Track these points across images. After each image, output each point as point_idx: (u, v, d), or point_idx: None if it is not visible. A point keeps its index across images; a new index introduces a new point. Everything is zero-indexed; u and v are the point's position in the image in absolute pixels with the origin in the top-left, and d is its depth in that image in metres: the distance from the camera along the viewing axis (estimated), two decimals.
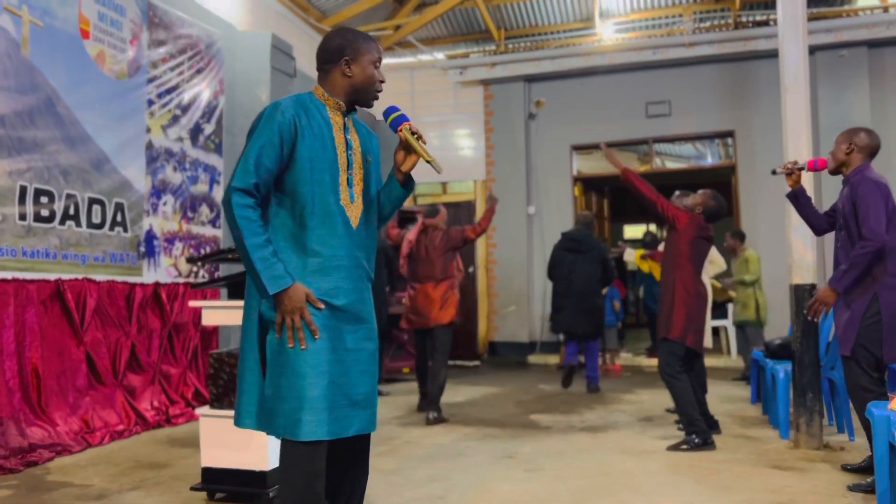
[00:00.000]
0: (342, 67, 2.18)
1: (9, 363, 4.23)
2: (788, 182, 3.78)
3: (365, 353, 2.16)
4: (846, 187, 3.54)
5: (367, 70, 2.19)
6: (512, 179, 9.80)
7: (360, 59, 2.18)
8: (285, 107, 2.10)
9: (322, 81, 2.23)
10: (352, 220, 2.15)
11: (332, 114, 2.19)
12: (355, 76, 2.18)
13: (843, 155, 3.56)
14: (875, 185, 3.38)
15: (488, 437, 4.74)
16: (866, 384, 3.36)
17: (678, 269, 4.36)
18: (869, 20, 8.62)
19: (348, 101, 2.22)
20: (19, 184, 4.42)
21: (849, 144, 3.55)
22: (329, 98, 2.20)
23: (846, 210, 3.46)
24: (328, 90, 2.21)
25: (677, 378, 4.32)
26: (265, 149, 2.05)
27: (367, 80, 2.20)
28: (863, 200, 3.36)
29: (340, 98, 2.21)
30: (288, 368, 2.03)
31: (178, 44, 5.94)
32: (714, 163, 9.90)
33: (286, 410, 2.02)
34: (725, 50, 9.00)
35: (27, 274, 4.43)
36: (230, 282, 3.55)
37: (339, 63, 2.18)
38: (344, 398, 2.08)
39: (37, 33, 4.60)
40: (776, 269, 7.14)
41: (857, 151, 3.54)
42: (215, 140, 6.40)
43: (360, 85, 2.20)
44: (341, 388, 2.07)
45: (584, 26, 9.97)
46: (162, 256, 5.67)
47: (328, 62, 2.20)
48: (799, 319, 4.27)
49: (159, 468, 3.98)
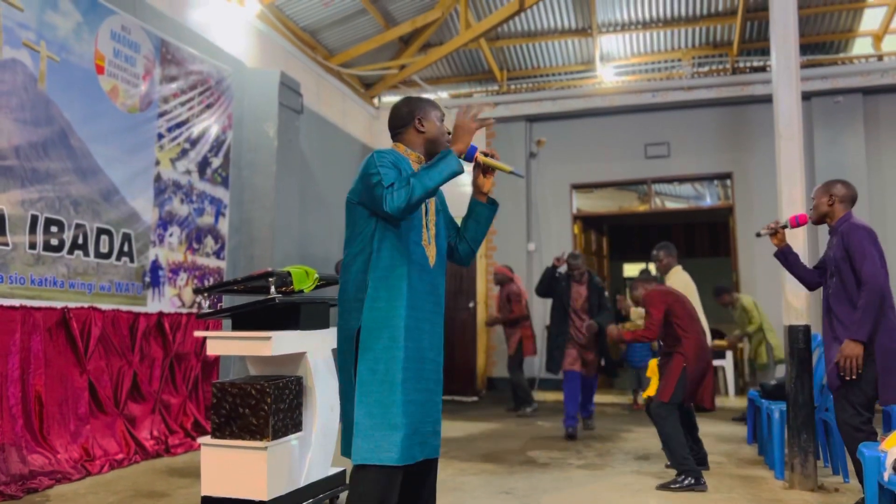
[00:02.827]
0: (416, 125, 2.51)
1: (13, 389, 4.28)
2: (773, 242, 3.95)
3: (437, 384, 2.44)
4: (834, 236, 3.67)
5: (437, 124, 2.53)
6: (512, 216, 9.92)
7: (430, 116, 2.53)
8: (386, 155, 2.37)
9: (399, 141, 2.54)
10: (430, 260, 2.44)
11: (414, 165, 2.48)
12: (428, 130, 2.52)
13: (826, 207, 3.72)
14: (865, 231, 3.52)
15: (485, 472, 4.76)
16: (857, 424, 3.41)
17: (675, 347, 4.53)
18: (864, 68, 8.84)
19: (425, 154, 2.53)
20: (31, 213, 4.53)
21: (829, 197, 3.70)
22: (411, 153, 2.51)
23: (837, 257, 3.57)
24: (407, 146, 2.52)
25: (665, 418, 4.39)
26: (390, 173, 2.30)
27: (439, 132, 2.53)
28: (857, 247, 3.47)
29: (419, 152, 2.52)
30: (375, 397, 2.24)
31: (189, 80, 6.10)
32: (712, 203, 10.03)
33: (372, 436, 2.22)
34: (723, 94, 9.21)
35: (35, 302, 4.50)
36: (235, 313, 3.62)
37: (412, 123, 2.51)
38: (423, 426, 2.32)
39: (53, 68, 4.75)
40: (772, 310, 7.21)
41: (839, 202, 3.69)
42: (222, 173, 6.53)
43: (433, 137, 2.52)
44: (422, 416, 2.32)
45: (584, 69, 10.20)
46: (166, 287, 5.75)
47: (402, 126, 2.53)
48: (793, 360, 4.33)
49: (158, 497, 4.01)
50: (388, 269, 2.32)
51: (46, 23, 4.70)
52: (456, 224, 2.66)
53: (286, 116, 7.05)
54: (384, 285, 2.31)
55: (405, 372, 2.27)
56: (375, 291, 2.32)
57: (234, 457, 3.33)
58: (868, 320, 3.38)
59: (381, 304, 2.31)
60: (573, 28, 9.52)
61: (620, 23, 9.39)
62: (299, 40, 8.45)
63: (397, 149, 2.52)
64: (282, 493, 3.37)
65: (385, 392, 2.23)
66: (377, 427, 2.21)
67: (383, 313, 2.30)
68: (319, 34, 8.82)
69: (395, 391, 2.24)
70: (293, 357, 3.65)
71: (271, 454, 3.30)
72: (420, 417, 2.31)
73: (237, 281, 3.74)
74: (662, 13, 9.12)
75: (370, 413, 2.22)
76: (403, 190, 2.21)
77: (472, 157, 2.47)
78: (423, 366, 2.36)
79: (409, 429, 2.24)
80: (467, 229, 2.63)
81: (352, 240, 2.42)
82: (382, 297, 2.31)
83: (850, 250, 3.50)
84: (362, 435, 2.21)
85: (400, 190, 2.21)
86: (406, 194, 2.21)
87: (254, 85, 6.93)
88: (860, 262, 3.44)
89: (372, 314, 2.30)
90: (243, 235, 6.79)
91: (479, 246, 2.66)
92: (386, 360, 2.26)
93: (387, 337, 2.28)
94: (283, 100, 6.99)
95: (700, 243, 15.58)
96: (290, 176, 7.13)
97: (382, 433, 2.20)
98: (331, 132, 8.65)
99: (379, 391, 2.23)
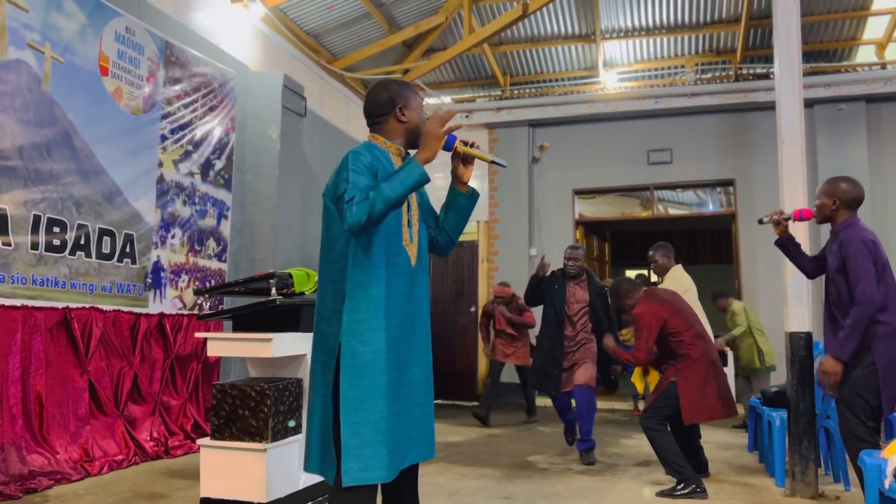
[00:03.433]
0: (396, 115, 2.35)
1: (13, 389, 4.28)
2: (776, 231, 3.89)
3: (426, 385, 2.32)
4: (835, 241, 3.59)
5: (419, 113, 2.38)
6: (514, 221, 9.93)
7: (411, 104, 2.37)
8: (363, 154, 2.22)
9: (377, 132, 2.38)
10: (411, 259, 2.30)
11: (395, 159, 2.34)
12: (410, 120, 2.36)
13: (829, 211, 3.63)
14: (863, 244, 3.42)
15: (484, 477, 4.75)
16: (861, 434, 3.36)
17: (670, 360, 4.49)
18: (867, 76, 8.83)
19: (406, 145, 2.38)
20: (33, 213, 4.53)
21: (833, 201, 3.60)
22: (391, 145, 2.35)
23: (834, 266, 3.52)
24: (386, 137, 2.36)
25: (656, 430, 4.38)
26: (362, 181, 2.14)
27: (420, 121, 2.38)
28: (852, 262, 3.40)
29: (400, 143, 2.37)
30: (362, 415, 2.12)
31: (192, 82, 6.12)
32: (715, 210, 10.03)
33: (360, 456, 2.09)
34: (726, 101, 9.21)
35: (36, 302, 4.51)
36: (236, 314, 3.63)
37: (392, 112, 2.35)
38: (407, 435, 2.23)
39: (58, 69, 4.77)
40: (775, 316, 7.19)
41: (843, 207, 3.59)
42: (225, 175, 6.54)
43: (414, 128, 2.37)
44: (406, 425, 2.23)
45: (588, 74, 10.21)
46: (168, 288, 5.75)
47: (382, 114, 2.36)
48: (794, 367, 4.32)
49: (157, 499, 4.00)
50: (367, 278, 2.17)
51: (51, 24, 4.72)
52: (435, 213, 2.50)
53: (289, 120, 7.06)
54: (363, 296, 2.16)
55: (389, 385, 2.15)
56: (354, 303, 2.17)
57: (234, 458, 3.33)
58: (854, 339, 3.33)
59: (362, 317, 2.16)
60: (577, 34, 9.53)
61: (624, 29, 9.40)
62: (303, 44, 8.46)
63: (375, 141, 2.35)
64: (281, 496, 3.37)
65: (371, 409, 2.11)
66: (365, 445, 2.09)
67: (364, 325, 2.16)
68: (323, 38, 8.84)
69: (380, 407, 2.12)
70: (293, 359, 3.65)
71: (271, 456, 3.30)
72: (404, 427, 2.21)
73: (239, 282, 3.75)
74: (666, 20, 9.13)
75: (357, 432, 2.09)
76: (364, 205, 2.05)
77: (451, 147, 2.34)
78: (411, 370, 2.25)
79: (393, 443, 2.15)
80: (447, 220, 2.47)
81: (328, 244, 2.26)
82: (362, 307, 2.16)
83: (846, 265, 3.44)
84: (351, 455, 2.08)
85: (361, 204, 2.05)
86: (366, 210, 2.05)
87: (257, 88, 6.94)
88: (854, 282, 3.37)
89: (352, 327, 2.16)
90: (245, 238, 6.80)
91: (458, 236, 2.51)
92: (370, 375, 2.13)
93: (369, 351, 2.14)
94: (287, 103, 7.00)
95: (702, 250, 15.57)
96: (292, 179, 7.14)
97: (370, 451, 2.09)
98: (334, 136, 8.66)
99: (365, 409, 2.11)
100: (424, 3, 8.93)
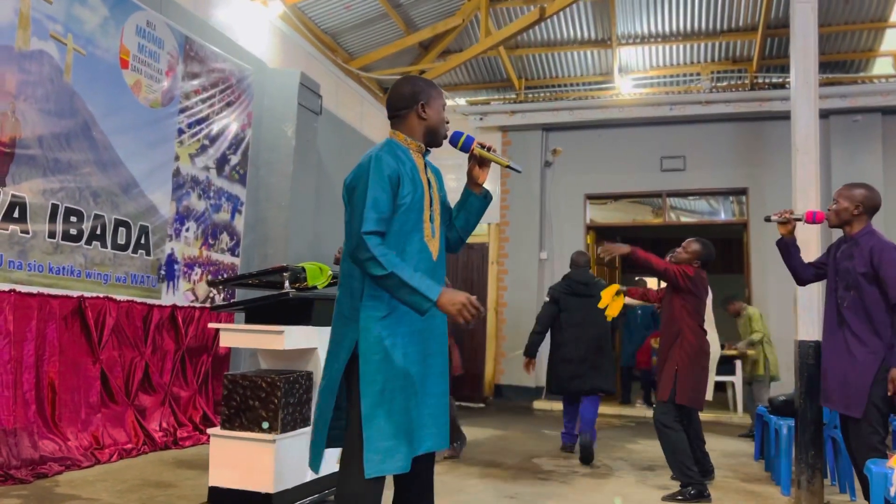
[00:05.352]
0: (417, 111, 2.37)
1: (27, 376, 4.34)
2: (781, 231, 3.80)
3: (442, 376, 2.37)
4: (853, 247, 3.52)
5: (440, 112, 2.40)
6: (525, 224, 9.94)
7: (433, 103, 2.39)
8: (386, 160, 2.25)
9: (397, 127, 2.40)
10: (433, 254, 2.33)
11: (415, 156, 2.37)
12: (430, 118, 2.38)
13: (850, 215, 3.55)
14: (894, 249, 3.39)
15: (490, 476, 4.77)
16: (876, 444, 3.31)
17: (680, 329, 4.46)
18: (884, 88, 8.80)
19: (425, 142, 2.41)
20: (51, 202, 4.59)
21: (856, 206, 3.53)
22: (411, 142, 2.38)
23: (858, 271, 3.43)
24: (407, 134, 2.38)
25: (671, 428, 4.36)
26: (381, 197, 2.19)
27: (440, 121, 2.40)
28: (888, 267, 3.34)
29: (419, 140, 2.39)
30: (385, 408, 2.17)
31: (211, 77, 6.18)
32: (727, 219, 10.00)
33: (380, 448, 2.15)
34: (741, 109, 9.19)
35: (52, 290, 4.57)
36: (249, 306, 3.66)
37: (414, 108, 2.37)
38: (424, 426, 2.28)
39: (79, 61, 4.83)
40: (784, 326, 7.17)
41: (864, 213, 3.54)
42: (240, 171, 6.60)
43: (434, 126, 2.39)
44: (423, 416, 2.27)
45: (603, 80, 10.22)
46: (181, 280, 5.80)
47: (404, 108, 2.38)
48: (803, 376, 4.32)
49: (166, 487, 4.05)
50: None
51: (74, 16, 4.78)
52: (450, 208, 2.54)
53: (305, 117, 7.12)
54: (385, 295, 2.21)
55: (407, 378, 2.20)
56: (377, 301, 2.22)
57: (243, 448, 3.36)
58: None
59: (382, 312, 2.21)
60: (593, 39, 9.55)
61: (640, 35, 9.41)
62: (320, 42, 8.52)
63: (396, 138, 2.38)
64: (288, 487, 3.40)
65: (391, 402, 2.16)
66: (386, 437, 2.14)
67: (385, 320, 2.21)
68: (340, 37, 8.90)
69: (399, 399, 2.18)
70: (304, 352, 3.69)
71: (279, 447, 3.34)
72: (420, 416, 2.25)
73: (252, 274, 3.79)
74: (683, 27, 9.13)
75: (380, 427, 2.14)
76: (378, 266, 2.12)
77: (468, 148, 2.39)
78: (427, 361, 2.29)
79: (411, 434, 2.20)
80: (459, 219, 2.51)
81: (350, 237, 2.26)
82: (383, 307, 2.21)
83: (879, 272, 3.37)
84: (373, 448, 2.12)
85: (384, 258, 2.12)
86: (379, 270, 2.12)
87: (274, 85, 7.00)
88: (891, 284, 3.33)
89: (371, 323, 2.20)
90: (258, 234, 6.85)
91: (468, 235, 2.55)
92: (389, 369, 2.18)
93: (389, 345, 2.19)
94: (303, 101, 7.05)
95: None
96: (306, 176, 7.18)
97: (391, 443, 2.14)
98: (348, 134, 8.71)
99: (385, 402, 2.16)
100: (442, 5, 8.98)
